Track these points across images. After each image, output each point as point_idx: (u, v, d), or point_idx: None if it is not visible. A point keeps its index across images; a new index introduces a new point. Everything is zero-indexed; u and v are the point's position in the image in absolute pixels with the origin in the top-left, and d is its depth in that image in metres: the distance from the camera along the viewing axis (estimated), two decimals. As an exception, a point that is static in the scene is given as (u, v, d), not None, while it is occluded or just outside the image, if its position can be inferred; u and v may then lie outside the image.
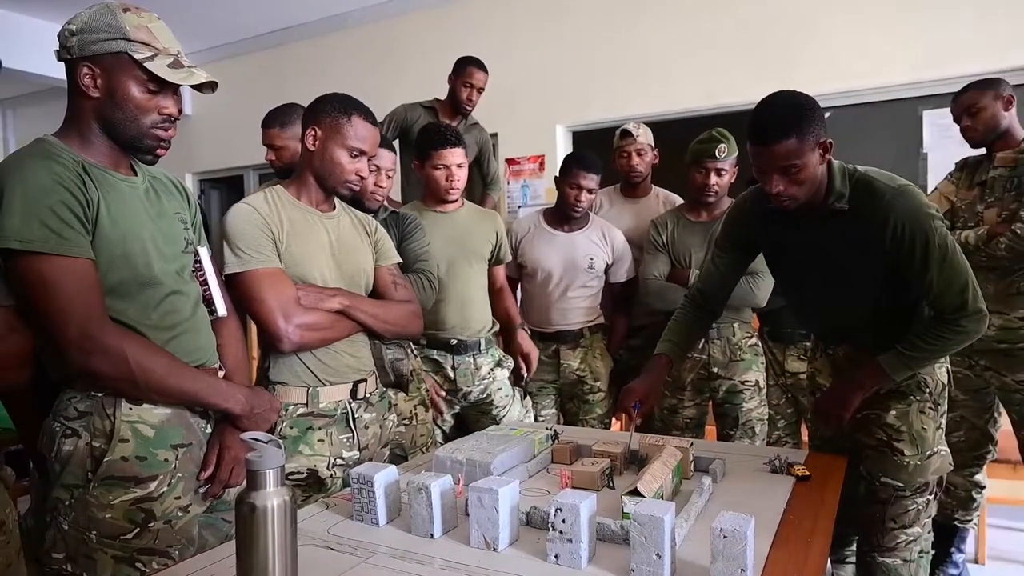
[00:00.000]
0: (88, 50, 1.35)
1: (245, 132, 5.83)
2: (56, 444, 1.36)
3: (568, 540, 1.15)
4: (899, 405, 1.83)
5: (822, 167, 1.70)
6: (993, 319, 2.55)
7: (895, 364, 1.75)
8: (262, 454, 1.00)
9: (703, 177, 2.68)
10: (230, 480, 1.50)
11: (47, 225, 1.27)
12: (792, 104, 1.67)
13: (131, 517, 1.36)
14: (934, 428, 1.83)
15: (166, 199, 1.53)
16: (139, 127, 1.39)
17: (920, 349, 1.74)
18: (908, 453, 1.80)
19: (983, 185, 2.60)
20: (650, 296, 2.77)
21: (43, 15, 5.33)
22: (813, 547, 1.25)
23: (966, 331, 1.70)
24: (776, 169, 1.65)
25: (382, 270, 1.99)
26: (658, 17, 4.32)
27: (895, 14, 3.72)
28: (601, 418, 2.88)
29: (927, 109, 3.73)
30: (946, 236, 1.67)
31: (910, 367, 1.75)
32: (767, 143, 1.64)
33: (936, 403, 1.85)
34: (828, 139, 1.68)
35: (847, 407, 1.81)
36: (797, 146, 1.62)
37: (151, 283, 1.41)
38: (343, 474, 1.79)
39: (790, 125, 1.62)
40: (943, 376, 1.88)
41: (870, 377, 1.79)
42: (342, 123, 1.81)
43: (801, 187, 1.67)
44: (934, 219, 1.67)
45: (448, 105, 3.71)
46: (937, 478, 1.84)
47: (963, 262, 1.68)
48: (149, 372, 1.35)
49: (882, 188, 1.69)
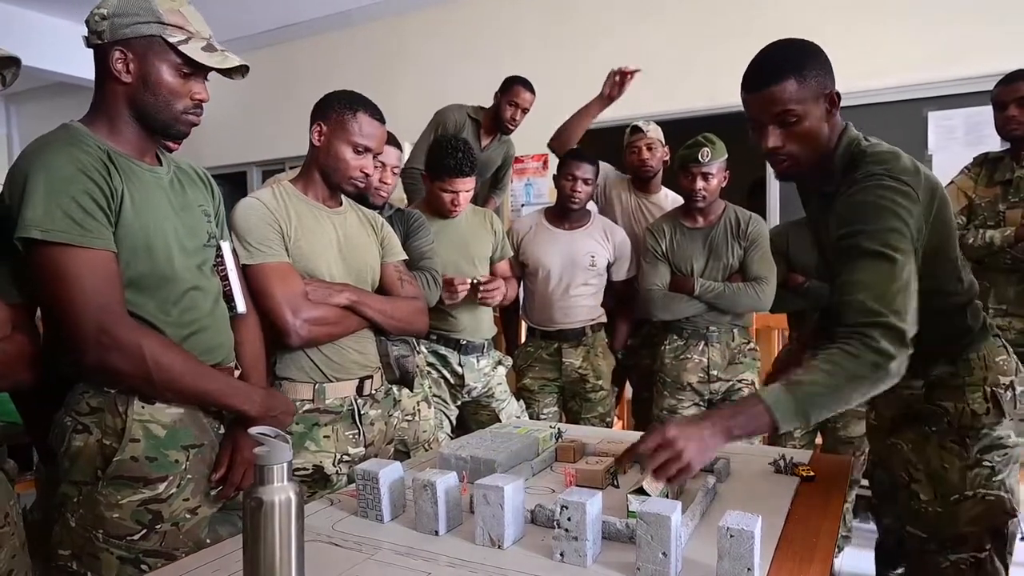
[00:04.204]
0: (120, 33, 1.33)
1: (249, 128, 5.88)
2: (67, 439, 1.35)
3: (574, 538, 1.15)
4: (913, 435, 1.49)
5: (827, 127, 1.41)
6: (1015, 322, 2.54)
7: (784, 403, 1.24)
8: (270, 449, 1.00)
9: (690, 182, 2.69)
10: (242, 483, 1.48)
11: (70, 215, 1.24)
12: (793, 45, 1.42)
13: (138, 518, 1.34)
14: (961, 467, 1.42)
15: (191, 191, 1.50)
16: (172, 112, 1.38)
17: (812, 380, 1.24)
18: (924, 497, 1.46)
19: (1007, 184, 2.55)
20: (654, 306, 2.77)
21: (47, 10, 5.35)
22: (818, 548, 1.25)
23: (879, 350, 1.22)
24: (771, 118, 1.38)
25: (388, 267, 1.99)
26: (662, 17, 4.32)
27: (899, 15, 3.72)
28: (603, 416, 2.89)
29: (932, 110, 3.73)
30: (891, 243, 1.28)
31: (805, 410, 1.23)
32: (760, 87, 1.38)
33: (964, 437, 1.43)
34: (836, 91, 1.41)
35: (691, 462, 1.22)
36: (796, 90, 1.36)
37: (171, 278, 1.38)
38: (348, 470, 1.80)
39: (788, 65, 1.37)
40: (976, 403, 1.43)
41: (745, 421, 1.25)
42: (347, 119, 1.81)
43: (801, 144, 1.40)
44: (887, 219, 1.29)
45: (490, 120, 3.61)
46: (990, 529, 1.41)
47: (902, 274, 1.27)
48: (166, 370, 1.32)
49: (863, 167, 1.38)
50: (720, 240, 2.74)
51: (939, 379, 1.47)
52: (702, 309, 2.72)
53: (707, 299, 2.69)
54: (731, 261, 2.73)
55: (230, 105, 5.75)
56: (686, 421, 1.28)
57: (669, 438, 1.23)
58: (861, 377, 1.23)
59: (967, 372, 1.45)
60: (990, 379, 1.44)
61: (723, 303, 2.69)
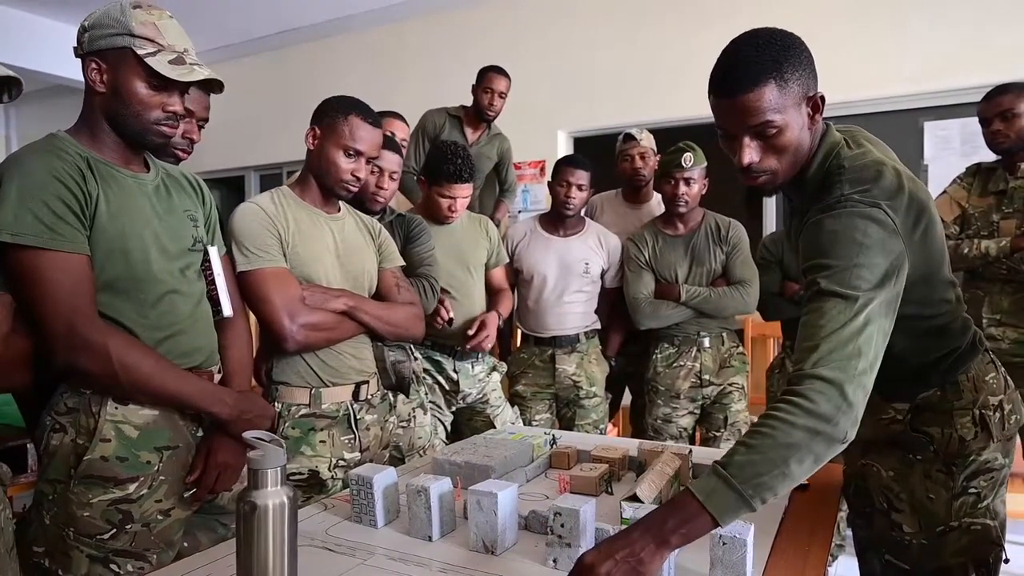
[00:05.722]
0: (96, 45, 1.37)
1: (248, 133, 5.87)
2: (45, 438, 1.38)
3: (567, 544, 1.15)
4: (895, 462, 1.36)
5: (809, 133, 1.23)
6: (1008, 332, 2.54)
7: (719, 495, 1.02)
8: (264, 453, 1.00)
9: (672, 187, 2.72)
10: (215, 486, 1.48)
11: (40, 219, 1.28)
12: (770, 40, 1.19)
13: (108, 517, 1.36)
14: (947, 497, 1.31)
15: (177, 196, 1.53)
16: (142, 122, 1.40)
17: (747, 460, 1.03)
18: (908, 530, 1.34)
19: (1001, 194, 2.57)
20: (641, 315, 2.79)
21: (46, 13, 5.35)
22: (811, 557, 1.25)
23: (816, 414, 1.03)
24: (747, 130, 1.19)
25: (386, 272, 2.00)
26: (661, 25, 4.34)
27: (896, 25, 3.74)
28: (596, 423, 2.89)
29: (928, 120, 3.74)
30: (851, 283, 1.12)
31: (746, 496, 1.01)
32: (733, 93, 1.17)
33: (950, 465, 1.31)
34: (820, 93, 1.22)
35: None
36: (776, 97, 1.16)
37: (148, 280, 1.40)
38: (344, 475, 1.80)
39: (767, 67, 1.16)
40: (965, 428, 1.31)
41: (679, 525, 1.02)
42: (339, 123, 1.81)
43: (781, 157, 1.22)
44: (852, 254, 1.13)
45: (472, 114, 3.75)
46: (975, 560, 1.32)
47: (859, 318, 1.10)
48: (132, 370, 1.34)
49: (836, 188, 1.20)
50: (702, 246, 2.78)
51: (926, 402, 1.34)
52: (689, 315, 2.74)
53: (693, 305, 2.72)
54: (714, 266, 2.77)
55: (229, 110, 5.74)
56: (609, 542, 1.04)
57: (587, 564, 1.01)
58: (797, 446, 1.02)
59: (956, 396, 1.33)
60: (980, 401, 1.32)
61: (709, 308, 2.72)
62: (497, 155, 3.89)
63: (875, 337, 1.10)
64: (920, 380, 1.35)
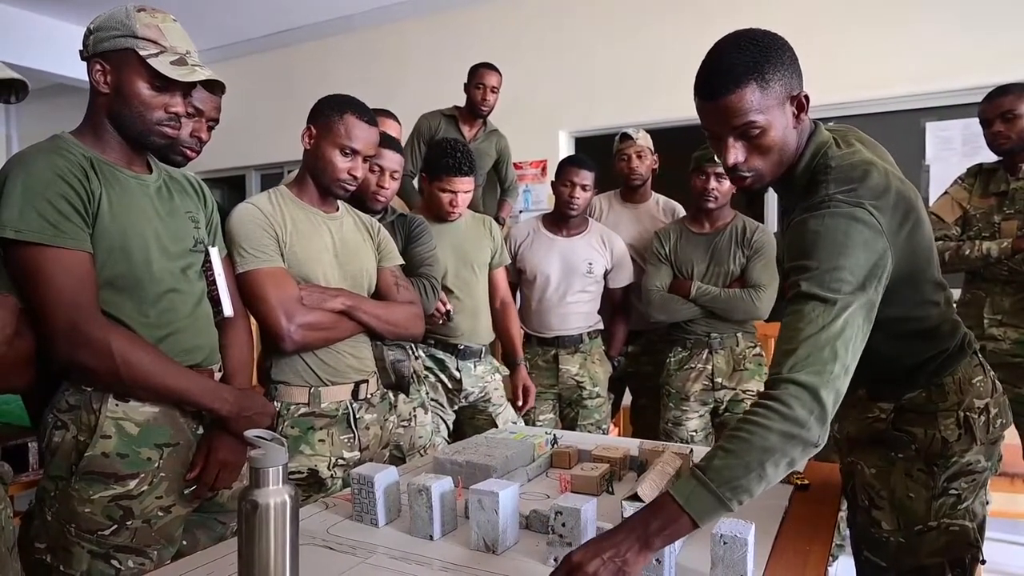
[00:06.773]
0: (100, 47, 1.39)
1: (249, 132, 5.87)
2: (48, 435, 1.39)
3: (568, 544, 1.15)
4: (877, 460, 1.38)
5: (795, 132, 1.25)
6: (1010, 333, 2.54)
7: (697, 498, 1.05)
8: (265, 451, 1.00)
9: (704, 182, 2.70)
10: (215, 484, 1.49)
11: (44, 216, 1.29)
12: (751, 41, 1.20)
13: (109, 513, 1.36)
14: (927, 497, 1.32)
15: (179, 198, 1.55)
16: (144, 123, 1.41)
17: (724, 465, 1.06)
18: (886, 527, 1.35)
19: (1002, 195, 2.58)
20: (653, 307, 2.78)
21: (48, 12, 5.35)
22: (811, 556, 1.25)
23: (790, 418, 1.05)
24: (730, 131, 1.21)
25: (384, 271, 1.99)
26: (662, 25, 4.34)
27: (897, 25, 3.74)
28: (599, 424, 2.89)
29: (929, 121, 3.75)
30: (831, 285, 1.12)
31: (723, 498, 1.04)
32: (716, 95, 1.20)
33: (932, 465, 1.33)
34: (804, 92, 1.24)
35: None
36: (759, 98, 1.18)
37: (148, 279, 1.42)
38: (343, 474, 1.80)
39: (748, 68, 1.18)
40: (948, 430, 1.32)
41: (661, 527, 1.06)
42: (334, 121, 1.81)
43: (766, 157, 1.24)
44: (834, 255, 1.13)
45: (467, 112, 3.81)
46: (952, 561, 1.32)
47: (837, 321, 1.10)
48: (134, 367, 1.35)
49: (822, 187, 1.21)
50: (724, 246, 2.75)
51: (911, 403, 1.35)
52: (698, 313, 2.72)
53: (703, 303, 2.70)
54: (732, 268, 2.73)
55: (229, 109, 5.75)
56: (596, 541, 1.07)
57: (575, 563, 1.04)
58: (772, 450, 1.05)
59: (940, 398, 1.33)
60: (965, 403, 1.33)
61: (718, 307, 2.69)
62: (495, 152, 3.92)
63: (852, 340, 1.11)
64: (907, 381, 1.36)
